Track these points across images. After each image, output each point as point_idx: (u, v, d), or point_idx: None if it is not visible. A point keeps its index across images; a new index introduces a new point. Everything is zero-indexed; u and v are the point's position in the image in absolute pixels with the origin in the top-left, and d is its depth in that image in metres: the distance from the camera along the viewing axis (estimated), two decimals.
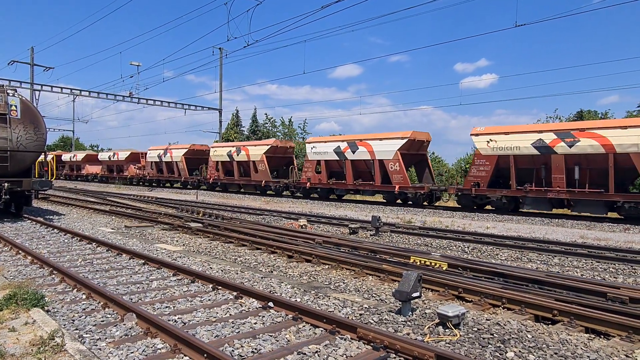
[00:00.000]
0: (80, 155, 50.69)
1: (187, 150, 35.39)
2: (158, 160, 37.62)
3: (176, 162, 35.87)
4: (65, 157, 52.79)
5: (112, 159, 44.31)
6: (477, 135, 18.92)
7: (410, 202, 21.82)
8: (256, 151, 29.15)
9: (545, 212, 17.98)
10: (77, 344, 4.13)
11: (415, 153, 22.66)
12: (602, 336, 4.91)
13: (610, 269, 8.51)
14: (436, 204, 22.20)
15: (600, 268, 8.61)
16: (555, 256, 9.52)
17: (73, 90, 36.59)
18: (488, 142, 18.45)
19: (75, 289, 6.24)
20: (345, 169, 23.69)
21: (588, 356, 4.23)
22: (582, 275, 7.93)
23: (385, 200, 23.00)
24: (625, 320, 4.90)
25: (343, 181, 24.08)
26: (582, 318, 5.17)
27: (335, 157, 24.08)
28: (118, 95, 35.94)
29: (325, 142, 25.18)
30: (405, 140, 21.40)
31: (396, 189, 21.38)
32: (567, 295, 6.11)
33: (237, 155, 30.36)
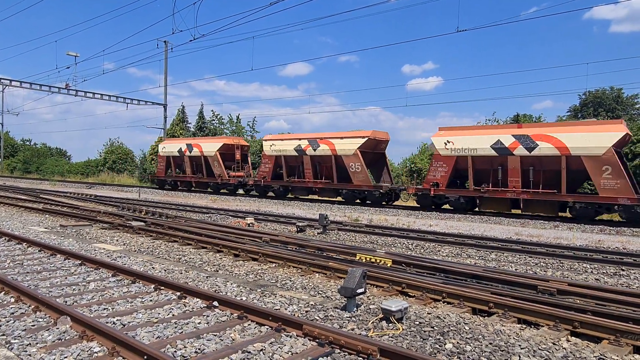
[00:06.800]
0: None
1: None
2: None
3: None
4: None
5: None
6: None
7: None
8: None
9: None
10: (3, 350, 3.87)
11: None
12: (533, 326, 5.23)
13: (541, 263, 9.08)
14: None
15: (533, 262, 9.17)
16: (492, 252, 10.02)
17: (2, 80, 33.98)
18: None
19: (3, 292, 5.82)
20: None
21: (519, 345, 4.49)
22: (516, 269, 8.40)
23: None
24: (553, 311, 5.24)
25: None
26: (514, 310, 5.48)
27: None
28: (53, 86, 33.77)
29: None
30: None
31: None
32: (502, 288, 6.45)
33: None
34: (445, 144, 19.12)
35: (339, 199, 23.00)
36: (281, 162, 24.97)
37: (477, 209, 19.43)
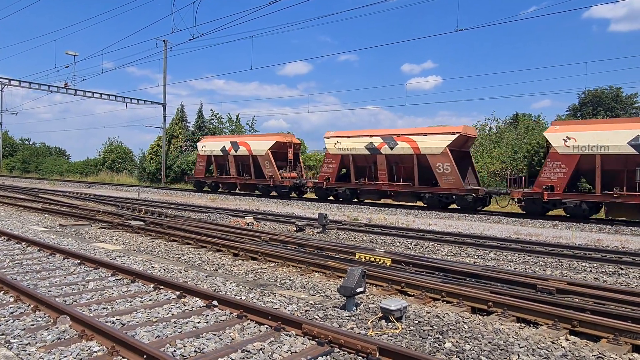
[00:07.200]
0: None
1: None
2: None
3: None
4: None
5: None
6: None
7: None
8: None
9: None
10: (3, 350, 3.87)
11: None
12: (532, 325, 5.24)
13: (540, 262, 9.09)
14: None
15: (531, 261, 9.17)
16: (491, 251, 10.03)
17: (1, 79, 33.92)
18: None
19: (2, 292, 5.82)
20: None
21: (518, 344, 4.49)
22: (515, 268, 8.41)
23: None
24: (551, 310, 5.25)
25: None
26: (514, 309, 5.48)
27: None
28: (52, 86, 33.63)
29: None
30: None
31: None
32: (501, 287, 6.45)
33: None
34: (565, 141, 16.14)
35: (419, 203, 20.51)
36: (348, 162, 22.03)
37: (602, 217, 16.80)
